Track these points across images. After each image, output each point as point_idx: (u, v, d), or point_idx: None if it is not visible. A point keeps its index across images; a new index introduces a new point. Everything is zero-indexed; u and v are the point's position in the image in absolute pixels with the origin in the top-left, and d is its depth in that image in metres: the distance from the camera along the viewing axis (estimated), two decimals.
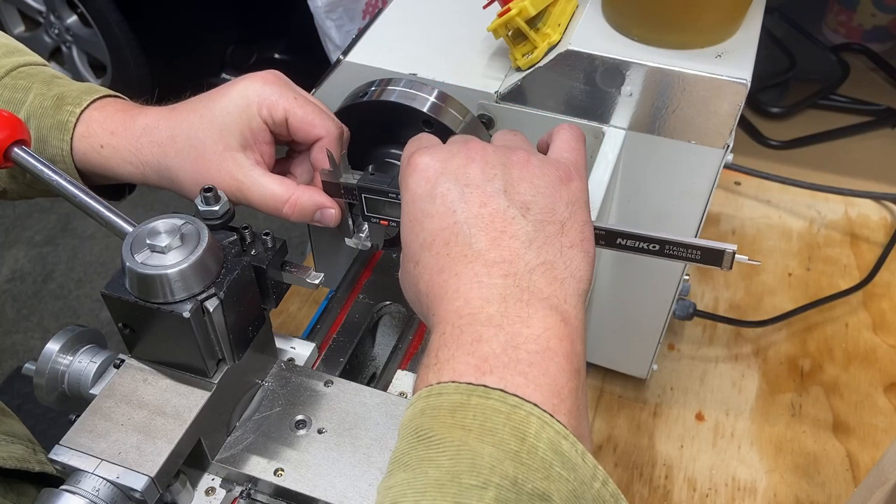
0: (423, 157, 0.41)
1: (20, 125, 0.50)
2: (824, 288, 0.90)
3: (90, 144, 0.54)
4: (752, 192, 1.02)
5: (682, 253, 0.45)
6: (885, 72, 1.17)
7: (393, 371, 0.55)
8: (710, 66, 0.53)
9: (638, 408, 0.80)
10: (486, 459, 0.31)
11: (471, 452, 0.31)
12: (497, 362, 0.34)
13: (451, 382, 0.34)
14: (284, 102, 0.52)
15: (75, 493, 0.40)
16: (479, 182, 0.40)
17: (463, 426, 0.32)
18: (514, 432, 0.32)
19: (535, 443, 0.32)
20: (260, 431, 0.48)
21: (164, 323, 0.42)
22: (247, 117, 0.52)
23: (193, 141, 0.52)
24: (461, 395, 0.33)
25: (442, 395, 0.34)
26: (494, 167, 0.40)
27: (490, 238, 0.38)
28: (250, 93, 0.52)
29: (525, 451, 0.31)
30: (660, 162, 0.58)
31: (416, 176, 0.41)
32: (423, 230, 0.40)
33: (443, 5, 0.66)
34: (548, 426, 0.32)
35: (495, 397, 0.33)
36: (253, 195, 0.52)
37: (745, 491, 0.73)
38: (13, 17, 2.38)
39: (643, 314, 0.71)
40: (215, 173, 0.52)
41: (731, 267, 0.46)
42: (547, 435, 0.32)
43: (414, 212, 0.40)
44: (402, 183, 0.42)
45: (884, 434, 0.77)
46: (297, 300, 0.90)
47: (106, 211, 0.47)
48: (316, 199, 0.53)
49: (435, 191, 0.40)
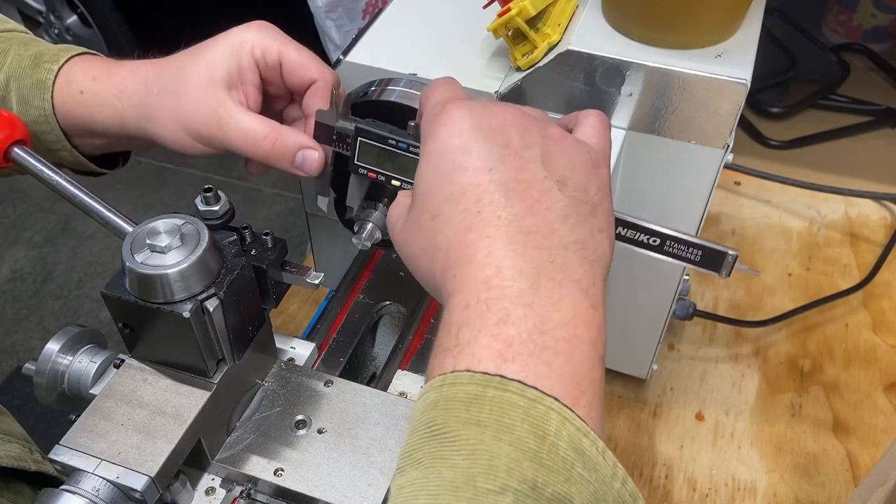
0: (460, 108, 0.38)
1: (20, 125, 0.50)
2: (824, 288, 0.90)
3: (70, 94, 0.54)
4: (752, 192, 1.02)
5: (682, 252, 0.44)
6: (885, 72, 1.17)
7: (393, 371, 0.55)
8: (710, 66, 0.53)
9: (638, 408, 0.80)
10: (503, 460, 0.29)
11: (487, 452, 0.29)
12: (522, 349, 0.32)
13: (467, 371, 0.31)
14: (279, 45, 0.51)
15: (75, 492, 0.40)
16: (518, 147, 0.37)
17: (479, 422, 0.30)
18: (532, 429, 0.30)
19: (555, 441, 0.30)
20: (260, 431, 0.48)
21: (164, 323, 0.42)
22: (237, 56, 0.51)
23: (178, 76, 0.51)
24: (476, 386, 0.31)
25: (456, 385, 0.31)
26: (533, 135, 0.38)
27: (526, 205, 0.35)
28: (245, 36, 0.51)
29: (545, 451, 0.29)
30: (660, 162, 0.58)
31: (451, 127, 0.38)
32: (452, 183, 0.37)
33: (443, 5, 0.66)
34: (568, 422, 0.30)
35: (513, 389, 0.30)
36: (231, 130, 0.50)
37: (745, 491, 0.73)
38: (13, 17, 2.38)
39: (643, 314, 0.71)
40: (196, 106, 0.51)
41: (730, 274, 0.44)
42: (567, 432, 0.30)
43: (442, 163, 0.37)
44: (431, 131, 0.39)
45: (884, 434, 0.77)
46: (297, 300, 0.90)
47: (106, 211, 0.47)
48: (300, 139, 0.51)
49: (471, 145, 0.37)
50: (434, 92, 0.42)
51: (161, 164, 2.25)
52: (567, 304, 0.34)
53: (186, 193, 2.16)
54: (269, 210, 2.11)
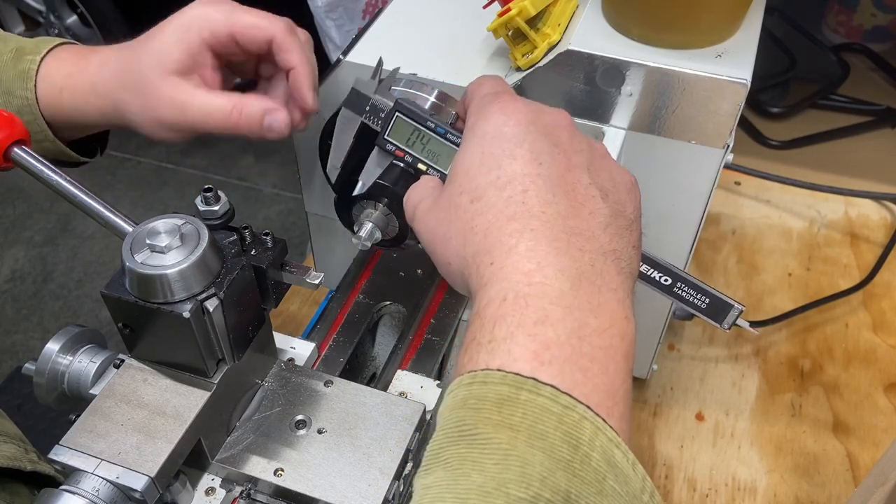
0: (515, 101, 0.39)
1: (20, 125, 0.50)
2: (824, 288, 0.90)
3: (50, 92, 0.55)
4: (752, 192, 1.02)
5: (690, 296, 0.44)
6: (885, 72, 1.17)
7: (393, 371, 0.55)
8: (710, 66, 0.53)
9: (638, 408, 0.79)
10: (536, 468, 0.28)
11: (520, 458, 0.28)
12: (559, 352, 0.31)
13: (498, 371, 0.30)
14: (225, 18, 0.51)
15: (75, 492, 0.40)
16: (567, 148, 0.37)
17: (511, 425, 0.29)
18: (566, 438, 0.29)
19: (588, 451, 0.29)
20: (260, 431, 0.48)
21: (163, 323, 0.42)
22: (186, 42, 0.51)
23: (136, 73, 0.52)
24: (509, 387, 0.30)
25: (487, 384, 0.30)
26: (581, 142, 0.38)
27: (571, 205, 0.35)
28: (190, 18, 0.52)
29: (578, 461, 0.28)
30: (660, 162, 0.58)
31: (506, 116, 0.38)
32: (501, 168, 0.36)
33: (443, 5, 0.66)
34: (601, 432, 0.29)
35: (546, 394, 0.29)
36: (195, 112, 0.51)
37: (745, 491, 0.73)
38: (13, 17, 2.38)
39: (643, 314, 0.70)
40: (158, 100, 0.51)
41: (730, 328, 0.45)
42: (600, 443, 0.29)
43: (493, 148, 0.37)
44: (483, 115, 0.39)
45: (884, 434, 0.77)
46: (297, 300, 0.90)
47: (106, 211, 0.47)
48: (263, 104, 0.51)
49: (525, 136, 0.37)
50: (484, 84, 0.42)
51: (161, 164, 2.25)
52: (605, 311, 0.33)
53: (186, 193, 2.16)
54: (269, 210, 2.11)
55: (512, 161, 0.36)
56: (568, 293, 0.32)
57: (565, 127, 0.38)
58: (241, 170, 2.22)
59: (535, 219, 0.34)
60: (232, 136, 0.53)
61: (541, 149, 0.36)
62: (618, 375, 0.32)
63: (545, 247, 0.33)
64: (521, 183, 0.35)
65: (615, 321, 0.33)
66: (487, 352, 0.31)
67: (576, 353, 0.31)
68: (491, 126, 0.38)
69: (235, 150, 2.27)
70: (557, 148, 0.37)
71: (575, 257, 0.33)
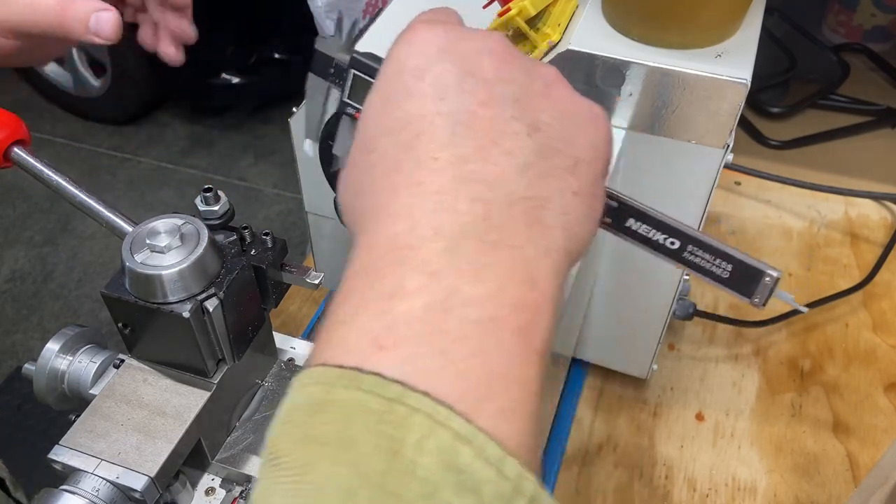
0: (430, 28, 0.32)
1: (20, 125, 0.50)
2: (824, 288, 0.90)
3: None
4: (752, 192, 1.02)
5: (707, 263, 0.34)
6: (885, 72, 1.17)
7: None
8: (710, 66, 0.53)
9: (638, 408, 0.79)
10: (332, 495, 0.21)
11: (314, 485, 0.21)
12: (408, 331, 0.24)
13: (321, 367, 0.24)
14: None
15: (75, 492, 0.40)
16: (490, 78, 0.30)
17: (317, 438, 0.22)
18: (381, 443, 0.22)
19: (414, 458, 0.21)
20: (260, 431, 0.48)
21: (163, 323, 0.42)
22: None
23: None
24: (322, 386, 0.23)
25: (303, 387, 0.24)
26: (515, 70, 0.30)
27: (476, 146, 0.28)
28: None
29: (396, 473, 0.21)
30: (660, 162, 0.58)
31: (412, 47, 0.31)
32: (398, 110, 0.29)
33: (442, 5, 0.66)
34: (441, 428, 0.22)
35: (366, 387, 0.22)
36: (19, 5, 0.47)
37: (745, 491, 0.73)
38: None
39: (643, 314, 0.71)
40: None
41: (765, 303, 0.33)
42: (437, 443, 0.22)
43: (393, 86, 0.30)
44: (389, 52, 0.32)
45: (884, 434, 0.77)
46: (297, 300, 0.90)
47: (106, 211, 0.47)
48: (92, 3, 0.48)
49: (429, 67, 0.30)
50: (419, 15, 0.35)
51: (161, 164, 2.25)
52: (491, 275, 0.25)
53: (186, 193, 2.16)
54: (269, 210, 2.11)
55: (410, 101, 0.29)
56: (439, 256, 0.25)
57: (491, 52, 0.30)
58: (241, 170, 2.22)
59: (423, 168, 0.28)
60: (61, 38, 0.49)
61: (446, 81, 0.29)
62: (503, 356, 0.24)
63: (423, 202, 0.27)
64: (414, 125, 0.29)
65: (505, 287, 0.25)
66: (322, 343, 0.25)
67: (434, 330, 0.24)
68: (394, 62, 0.31)
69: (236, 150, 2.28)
70: (473, 78, 0.29)
71: (461, 211, 0.26)
